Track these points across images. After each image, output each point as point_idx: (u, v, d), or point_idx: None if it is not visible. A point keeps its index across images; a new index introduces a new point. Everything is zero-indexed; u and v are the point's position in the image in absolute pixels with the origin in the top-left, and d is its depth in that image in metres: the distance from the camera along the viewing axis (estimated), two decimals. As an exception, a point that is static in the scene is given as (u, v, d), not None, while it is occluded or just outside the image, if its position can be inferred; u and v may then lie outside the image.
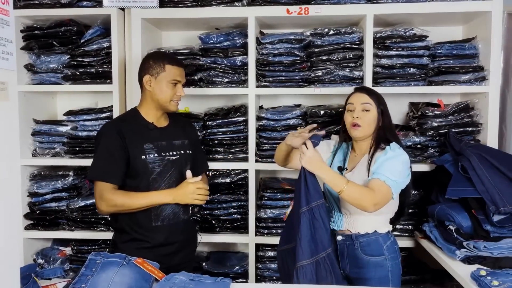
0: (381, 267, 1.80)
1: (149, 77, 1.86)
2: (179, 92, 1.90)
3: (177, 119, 2.05)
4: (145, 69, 1.88)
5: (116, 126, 1.85)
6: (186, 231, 1.96)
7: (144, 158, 1.82)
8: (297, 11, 2.27)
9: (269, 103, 2.61)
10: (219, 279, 1.48)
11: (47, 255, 2.53)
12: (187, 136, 2.00)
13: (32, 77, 2.50)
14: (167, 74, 1.86)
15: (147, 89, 1.88)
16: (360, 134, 1.83)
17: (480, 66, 2.30)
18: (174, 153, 1.90)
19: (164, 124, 1.95)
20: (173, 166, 1.89)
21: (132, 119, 1.90)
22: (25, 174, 2.48)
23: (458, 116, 2.32)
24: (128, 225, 1.84)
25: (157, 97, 1.87)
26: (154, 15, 2.37)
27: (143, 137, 1.85)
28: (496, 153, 2.06)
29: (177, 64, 1.90)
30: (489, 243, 1.77)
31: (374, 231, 1.82)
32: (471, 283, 1.58)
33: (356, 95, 1.87)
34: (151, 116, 1.91)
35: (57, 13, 2.40)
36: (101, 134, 1.85)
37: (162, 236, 1.85)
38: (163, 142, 1.88)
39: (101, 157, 1.81)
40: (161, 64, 1.86)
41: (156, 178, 1.84)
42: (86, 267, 1.45)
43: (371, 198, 1.66)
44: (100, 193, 1.77)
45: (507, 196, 1.82)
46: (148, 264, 1.52)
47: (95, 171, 1.81)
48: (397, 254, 1.86)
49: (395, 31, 2.32)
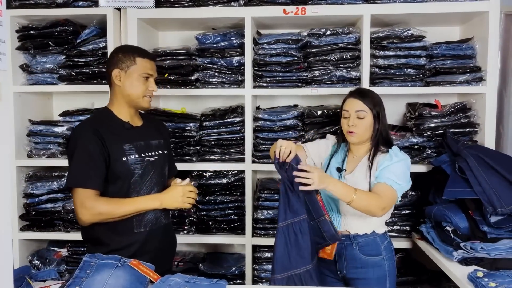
0: (379, 267, 1.82)
1: (119, 71, 1.73)
2: (151, 87, 1.77)
3: (149, 119, 1.94)
4: (113, 63, 1.74)
5: (92, 126, 1.69)
6: (168, 236, 1.88)
7: (125, 159, 1.69)
8: (294, 11, 2.27)
9: (266, 104, 2.60)
10: (215, 281, 1.47)
11: (43, 256, 2.52)
12: (162, 136, 1.89)
13: (27, 78, 2.49)
14: (138, 67, 1.73)
15: (117, 85, 1.74)
16: (357, 140, 1.85)
17: (478, 67, 2.30)
18: (153, 153, 1.79)
19: (139, 123, 1.83)
20: (153, 168, 1.77)
21: (106, 118, 1.76)
22: (20, 175, 2.47)
23: (455, 116, 2.32)
24: (105, 235, 1.68)
25: (128, 92, 1.74)
26: (150, 15, 2.36)
27: (122, 137, 1.72)
28: (493, 154, 2.05)
29: (148, 57, 1.78)
30: (486, 244, 1.76)
31: (372, 231, 1.84)
32: (468, 284, 1.57)
33: (350, 101, 1.86)
34: (124, 115, 1.77)
35: (53, 13, 2.39)
36: (77, 136, 1.68)
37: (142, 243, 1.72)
38: (141, 142, 1.77)
39: (80, 161, 1.64)
40: (131, 57, 1.73)
41: (137, 181, 1.72)
42: (80, 269, 1.43)
43: (379, 204, 1.69)
44: (82, 201, 1.61)
45: (504, 197, 1.81)
46: (143, 266, 1.50)
47: (74, 177, 1.64)
48: (393, 255, 1.90)
49: (392, 31, 2.31)
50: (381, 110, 1.84)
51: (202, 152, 2.44)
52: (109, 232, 1.68)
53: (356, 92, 1.89)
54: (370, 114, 1.82)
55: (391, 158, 1.78)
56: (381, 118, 1.84)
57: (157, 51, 2.44)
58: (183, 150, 2.41)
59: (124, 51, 1.76)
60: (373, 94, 1.88)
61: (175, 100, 2.66)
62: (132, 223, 1.71)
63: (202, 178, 2.44)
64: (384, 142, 1.86)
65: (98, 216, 1.63)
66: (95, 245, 1.70)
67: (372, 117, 1.82)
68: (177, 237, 1.96)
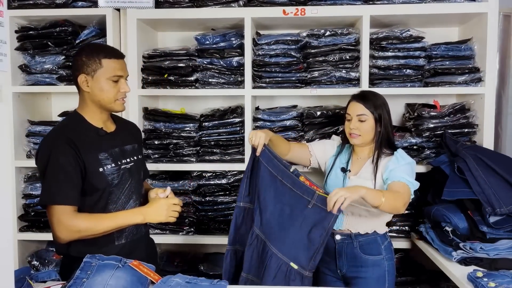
0: (378, 267, 1.85)
1: (85, 77, 1.59)
2: (123, 88, 1.63)
3: (122, 122, 1.83)
4: (78, 67, 1.59)
5: (64, 134, 1.57)
6: (149, 247, 1.82)
7: (101, 170, 1.58)
8: (294, 12, 2.27)
9: (266, 104, 2.60)
10: (216, 282, 1.47)
11: (42, 257, 2.51)
12: (135, 140, 1.80)
13: (26, 78, 2.48)
14: (105, 70, 1.59)
15: (85, 91, 1.61)
16: (358, 142, 1.88)
17: (476, 68, 2.31)
18: (128, 160, 1.69)
19: (112, 128, 1.72)
20: (130, 175, 1.68)
21: (78, 125, 1.63)
22: (19, 176, 2.46)
23: (454, 117, 2.32)
24: (83, 249, 1.53)
25: (98, 98, 1.61)
26: (149, 16, 2.36)
27: (96, 146, 1.60)
28: (492, 154, 2.06)
29: (115, 56, 1.63)
30: (486, 244, 1.77)
31: (374, 231, 1.87)
32: (468, 284, 1.58)
33: (352, 104, 1.89)
34: (97, 120, 1.65)
35: (52, 13, 2.39)
36: (49, 148, 1.55)
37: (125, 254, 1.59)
38: (115, 149, 1.66)
39: (53, 175, 1.52)
40: (96, 60, 1.58)
41: (114, 191, 1.62)
42: (81, 270, 1.43)
43: (402, 200, 1.71)
44: (58, 218, 1.50)
45: (503, 197, 1.82)
46: (144, 267, 1.50)
47: (49, 194, 1.52)
48: (392, 255, 1.92)
49: (392, 32, 2.32)
50: (383, 112, 1.86)
51: (202, 152, 2.44)
52: (88, 246, 1.56)
53: (359, 95, 1.91)
54: (371, 117, 1.85)
55: (398, 161, 1.81)
56: (383, 121, 1.85)
57: (156, 51, 2.44)
58: (183, 151, 2.41)
59: (87, 53, 1.60)
60: (375, 97, 1.90)
61: (174, 100, 2.66)
62: (113, 235, 1.62)
63: (201, 179, 2.44)
64: (387, 145, 1.88)
65: (77, 234, 1.53)
66: (72, 260, 1.56)
67: (374, 120, 1.85)
68: (176, 238, 1.96)
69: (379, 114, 1.85)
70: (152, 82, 2.42)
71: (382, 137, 1.87)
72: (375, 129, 1.86)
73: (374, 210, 1.78)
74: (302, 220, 1.63)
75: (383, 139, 1.87)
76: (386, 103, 1.90)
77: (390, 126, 1.90)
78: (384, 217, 1.89)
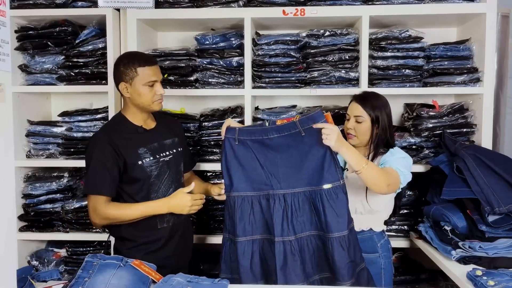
0: (374, 264, 1.86)
1: (124, 84, 1.81)
2: (158, 91, 1.84)
3: (163, 118, 2.03)
4: (118, 76, 1.83)
5: (106, 135, 1.81)
6: (188, 230, 2.00)
7: (140, 163, 1.80)
8: (293, 12, 2.28)
9: (265, 104, 2.61)
10: (217, 281, 1.48)
11: (41, 257, 2.51)
12: (175, 134, 1.99)
13: (26, 78, 2.48)
14: (140, 77, 1.80)
15: (126, 96, 1.84)
16: (354, 143, 1.90)
17: (475, 68, 2.32)
18: (167, 153, 1.90)
19: (152, 125, 1.93)
20: (169, 167, 1.88)
21: (120, 125, 1.87)
22: (19, 176, 2.46)
23: (453, 117, 2.34)
24: (131, 233, 1.82)
25: (137, 102, 1.83)
26: (149, 16, 2.36)
27: (136, 142, 1.83)
28: (491, 154, 2.07)
29: (148, 63, 1.82)
30: (485, 243, 1.78)
31: (370, 228, 1.89)
32: (467, 283, 1.59)
33: (352, 105, 1.93)
34: (138, 119, 1.88)
35: (52, 13, 2.39)
36: (93, 146, 1.80)
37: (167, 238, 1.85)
38: (155, 144, 1.87)
39: (94, 170, 1.77)
40: (132, 69, 1.79)
41: (155, 181, 1.83)
42: (83, 269, 1.44)
43: (386, 179, 1.71)
44: (94, 206, 1.75)
45: (502, 197, 1.83)
46: (145, 266, 1.51)
47: (88, 185, 1.77)
48: (389, 253, 1.93)
49: (391, 32, 2.33)
50: (381, 115, 1.88)
51: (202, 152, 2.44)
52: (135, 230, 1.81)
53: (358, 96, 1.94)
54: (368, 119, 1.87)
55: (393, 154, 1.84)
56: (380, 123, 1.87)
57: (156, 51, 2.44)
58: (183, 151, 2.42)
59: (124, 64, 1.80)
60: (376, 99, 1.92)
61: (174, 100, 2.66)
62: (155, 220, 1.83)
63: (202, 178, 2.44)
64: (384, 146, 1.90)
65: (107, 220, 1.76)
66: (122, 241, 1.84)
67: (371, 122, 1.87)
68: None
69: (376, 116, 1.87)
70: (152, 82, 2.42)
71: (378, 139, 1.88)
72: (371, 130, 1.88)
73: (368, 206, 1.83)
74: (308, 148, 1.75)
75: (379, 141, 1.89)
76: (386, 105, 1.92)
77: (389, 128, 1.91)
78: (381, 215, 1.91)
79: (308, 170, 1.75)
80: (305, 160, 1.76)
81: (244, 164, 1.82)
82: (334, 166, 1.73)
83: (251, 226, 1.77)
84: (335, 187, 1.71)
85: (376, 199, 1.86)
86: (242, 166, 1.82)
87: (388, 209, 1.95)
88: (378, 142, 1.89)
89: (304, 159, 1.76)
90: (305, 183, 1.75)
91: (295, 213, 1.73)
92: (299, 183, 1.75)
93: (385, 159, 1.83)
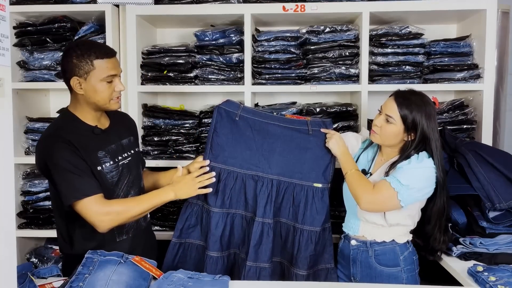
0: (395, 279, 1.71)
1: (77, 79, 1.53)
2: (117, 88, 1.58)
3: (116, 115, 1.77)
4: (69, 70, 1.53)
5: (61, 137, 1.52)
6: (149, 240, 1.83)
7: (100, 169, 1.56)
8: (293, 8, 2.27)
9: (265, 101, 2.60)
10: (218, 277, 1.48)
11: (40, 254, 2.50)
12: (130, 133, 1.78)
13: (24, 74, 2.46)
14: (97, 71, 1.53)
15: (79, 93, 1.56)
16: (375, 141, 1.77)
17: (475, 64, 2.32)
18: (125, 155, 1.68)
19: (106, 124, 1.68)
20: (129, 170, 1.67)
21: (72, 126, 1.58)
22: (18, 173, 2.45)
23: (453, 113, 2.34)
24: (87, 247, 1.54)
25: (92, 99, 1.56)
26: (149, 12, 2.35)
27: (93, 144, 1.57)
28: (491, 150, 2.07)
29: (107, 55, 1.55)
30: (485, 239, 1.78)
31: (392, 240, 1.74)
32: (468, 279, 1.59)
33: (389, 100, 1.71)
34: (91, 119, 1.61)
35: (51, 9, 2.37)
36: (50, 152, 1.49)
37: (128, 250, 1.60)
38: (112, 145, 1.63)
39: (66, 174, 1.48)
40: (88, 61, 1.52)
41: (113, 188, 1.61)
42: (83, 266, 1.43)
43: (367, 195, 1.63)
44: (91, 210, 1.48)
45: (502, 193, 1.83)
46: (145, 262, 1.50)
47: (71, 192, 1.47)
48: (414, 266, 1.77)
49: (391, 28, 2.33)
50: (420, 124, 1.64)
51: (201, 149, 2.43)
52: (89, 243, 1.58)
53: (400, 93, 1.71)
54: (399, 124, 1.66)
55: (410, 162, 1.64)
56: (418, 132, 1.65)
57: (155, 48, 2.43)
58: (182, 147, 2.41)
59: (78, 55, 1.52)
60: (416, 103, 1.66)
61: (173, 97, 2.65)
62: (113, 232, 1.61)
63: (201, 175, 2.44)
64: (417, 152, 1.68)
65: (116, 216, 1.51)
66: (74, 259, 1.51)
67: (401, 129, 1.67)
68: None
69: (413, 124, 1.64)
70: (152, 78, 2.41)
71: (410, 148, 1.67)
72: (401, 136, 1.69)
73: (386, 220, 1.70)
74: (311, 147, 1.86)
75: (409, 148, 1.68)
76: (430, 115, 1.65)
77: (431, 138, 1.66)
78: (402, 227, 1.73)
79: (304, 165, 1.86)
80: (304, 156, 1.87)
81: (239, 140, 1.85)
82: (329, 170, 1.87)
83: (230, 200, 1.84)
84: (324, 189, 1.85)
85: (393, 214, 1.69)
86: (237, 141, 1.85)
87: (412, 220, 1.76)
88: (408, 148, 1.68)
89: (304, 155, 1.87)
90: (297, 176, 1.85)
91: (278, 199, 1.84)
92: (291, 174, 1.85)
93: (401, 165, 1.64)
